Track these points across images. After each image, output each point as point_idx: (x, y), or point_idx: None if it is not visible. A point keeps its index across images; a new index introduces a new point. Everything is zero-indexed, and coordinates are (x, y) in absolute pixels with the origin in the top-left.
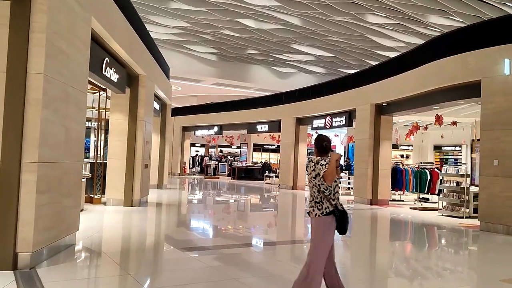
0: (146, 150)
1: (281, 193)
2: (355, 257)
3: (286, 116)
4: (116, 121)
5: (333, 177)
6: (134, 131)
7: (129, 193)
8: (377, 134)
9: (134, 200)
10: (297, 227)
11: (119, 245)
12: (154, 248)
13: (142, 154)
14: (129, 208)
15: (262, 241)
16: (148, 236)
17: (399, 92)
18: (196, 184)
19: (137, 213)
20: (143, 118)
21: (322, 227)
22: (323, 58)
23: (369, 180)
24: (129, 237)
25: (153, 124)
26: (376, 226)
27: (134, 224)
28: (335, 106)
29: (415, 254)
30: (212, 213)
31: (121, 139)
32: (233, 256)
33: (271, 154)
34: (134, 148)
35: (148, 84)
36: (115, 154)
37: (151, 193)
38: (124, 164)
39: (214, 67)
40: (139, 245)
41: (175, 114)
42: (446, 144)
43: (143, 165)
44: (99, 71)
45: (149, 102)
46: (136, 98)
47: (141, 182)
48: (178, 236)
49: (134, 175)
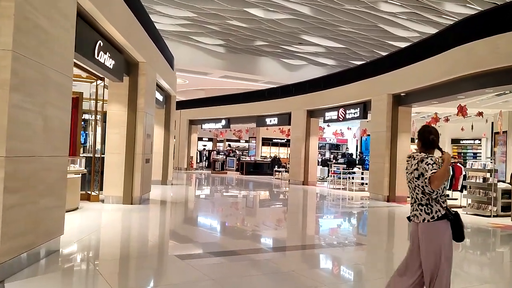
0: (148, 144)
1: (292, 189)
2: (378, 261)
3: (296, 108)
4: (115, 112)
5: (442, 182)
6: (134, 123)
7: (128, 190)
8: (394, 126)
9: (134, 197)
10: (317, 228)
11: (110, 252)
12: (151, 256)
13: (143, 148)
14: (128, 206)
15: (284, 245)
16: (145, 241)
17: (419, 81)
18: (203, 180)
19: (137, 212)
20: (144, 109)
21: (435, 234)
22: (334, 49)
23: (386, 176)
24: (122, 241)
25: (157, 117)
26: (396, 226)
27: (130, 225)
28: (349, 97)
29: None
30: (219, 213)
31: (119, 132)
32: (245, 266)
33: (281, 149)
34: (134, 141)
35: (149, 72)
36: (114, 147)
37: (154, 190)
38: (123, 158)
39: (221, 59)
40: (134, 251)
41: (181, 107)
42: (465, 137)
43: (143, 160)
44: (90, 55)
45: (150, 92)
46: (135, 87)
47: (142, 178)
48: (180, 240)
49: (134, 171)
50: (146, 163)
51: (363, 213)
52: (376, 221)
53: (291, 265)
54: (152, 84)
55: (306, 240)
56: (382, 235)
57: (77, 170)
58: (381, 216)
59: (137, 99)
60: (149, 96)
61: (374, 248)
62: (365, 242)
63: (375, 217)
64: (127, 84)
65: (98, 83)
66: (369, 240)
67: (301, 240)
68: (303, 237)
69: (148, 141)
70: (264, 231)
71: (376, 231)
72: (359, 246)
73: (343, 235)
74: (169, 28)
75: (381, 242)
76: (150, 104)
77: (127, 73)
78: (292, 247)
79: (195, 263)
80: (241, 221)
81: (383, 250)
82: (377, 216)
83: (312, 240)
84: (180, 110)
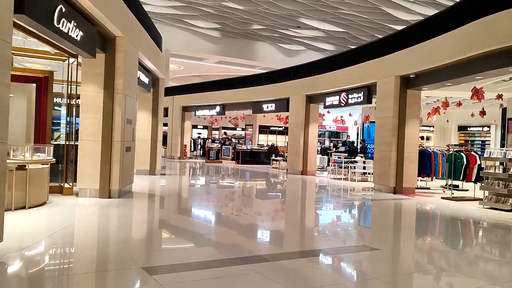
0: (128, 130)
1: (290, 180)
2: (394, 267)
3: (295, 93)
4: (89, 94)
5: None
6: (111, 107)
7: (105, 182)
8: (402, 111)
9: (113, 190)
10: (319, 226)
11: (55, 265)
12: (112, 269)
13: (122, 135)
14: (105, 201)
15: (280, 252)
16: (109, 248)
17: (431, 60)
18: (196, 169)
19: (113, 208)
20: (122, 91)
21: None
22: (333, 33)
23: (393, 165)
24: (80, 248)
25: (143, 101)
26: (409, 224)
27: (99, 226)
28: (352, 80)
29: (485, 267)
30: (208, 210)
31: (95, 116)
32: (232, 280)
33: (278, 137)
34: (111, 127)
35: (129, 49)
36: (88, 134)
37: (140, 181)
38: (99, 146)
39: (217, 44)
40: (88, 264)
41: (174, 93)
42: (472, 124)
43: (123, 148)
44: (48, 21)
45: (131, 72)
46: (112, 65)
47: (121, 169)
48: (156, 246)
49: (112, 160)
50: (126, 152)
51: (370, 207)
52: (385, 217)
53: (287, 284)
54: (133, 63)
55: (307, 243)
56: (395, 235)
57: (42, 159)
58: (390, 211)
59: (115, 79)
60: (129, 77)
61: (391, 255)
62: (377, 245)
63: (383, 212)
64: (102, 62)
65: (71, 61)
66: (382, 242)
67: (301, 244)
68: (304, 240)
69: (129, 127)
70: (259, 233)
71: (387, 230)
72: (373, 252)
73: (351, 236)
74: (162, 10)
75: (397, 244)
76: (131, 86)
77: (102, 48)
78: (291, 254)
79: (169, 279)
80: (231, 220)
81: (402, 256)
82: (385, 211)
83: (314, 243)
84: (173, 96)
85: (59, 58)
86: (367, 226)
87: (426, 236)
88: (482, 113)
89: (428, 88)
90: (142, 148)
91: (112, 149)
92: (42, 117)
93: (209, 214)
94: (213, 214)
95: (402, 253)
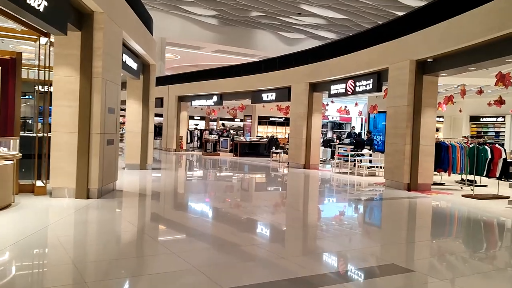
0: (110, 120)
1: (292, 175)
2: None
3: (297, 81)
4: (62, 79)
5: None
6: (88, 93)
7: (82, 180)
8: (417, 99)
9: (92, 189)
10: (331, 237)
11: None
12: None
13: (102, 126)
14: (82, 202)
15: (281, 278)
16: (80, 268)
17: (453, 42)
18: (191, 163)
19: (91, 211)
20: (102, 75)
21: None
22: (335, 21)
23: (407, 159)
24: (34, 268)
25: (132, 89)
26: (434, 228)
27: (68, 236)
28: (360, 66)
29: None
30: (200, 214)
31: (69, 105)
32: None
33: (278, 128)
34: (89, 117)
35: (110, 27)
36: (62, 125)
37: (129, 176)
38: (75, 139)
39: (215, 32)
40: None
41: (169, 83)
42: (485, 114)
43: (103, 141)
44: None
45: (113, 54)
46: (89, 45)
47: (102, 165)
48: (134, 265)
49: (91, 155)
50: (108, 145)
51: (387, 208)
52: (407, 221)
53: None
54: (115, 44)
55: (319, 265)
56: (425, 248)
57: (5, 155)
58: (409, 213)
59: (93, 61)
60: (110, 59)
61: (430, 279)
62: (409, 264)
63: (403, 214)
64: (78, 41)
65: (43, 41)
66: (413, 259)
67: (311, 266)
68: (314, 261)
69: (111, 117)
70: (258, 248)
71: (413, 239)
72: (407, 275)
73: (373, 252)
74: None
75: (433, 264)
76: (113, 70)
77: (77, 25)
78: (296, 280)
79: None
80: (227, 229)
81: (444, 282)
82: (404, 213)
83: (330, 263)
84: (168, 86)
85: (28, 37)
86: (389, 235)
87: (464, 247)
88: (499, 102)
89: (447, 73)
90: (132, 141)
91: (91, 142)
92: (9, 106)
93: (203, 221)
94: (207, 220)
95: (442, 275)
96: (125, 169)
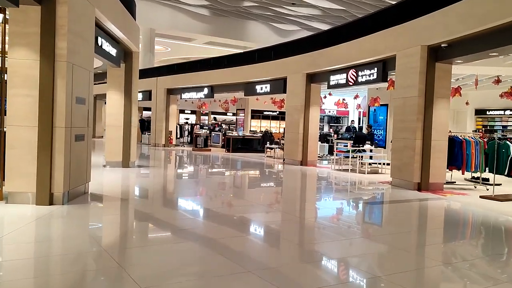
0: (79, 112)
1: (289, 172)
2: None
3: (293, 72)
4: (19, 62)
5: None
6: (51, 80)
7: (44, 183)
8: (429, 90)
9: (56, 194)
10: (341, 258)
11: None
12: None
13: (68, 118)
14: (43, 210)
15: None
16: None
17: (473, 23)
18: (179, 159)
19: (53, 221)
20: (67, 58)
21: None
22: (330, 11)
23: (418, 156)
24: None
25: (112, 78)
26: (457, 239)
27: (20, 255)
28: (363, 54)
29: None
30: (185, 224)
31: (28, 94)
32: None
33: (272, 122)
34: (52, 107)
35: (77, 1)
36: (19, 118)
37: (109, 176)
38: (34, 134)
39: (206, 23)
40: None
41: (157, 75)
42: (492, 107)
43: (70, 136)
44: None
45: (82, 34)
46: (51, 22)
47: (68, 164)
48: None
49: (54, 153)
50: (77, 141)
51: (398, 214)
52: (426, 232)
53: None
54: (85, 22)
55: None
56: (462, 273)
57: None
58: (426, 220)
59: (56, 41)
60: (78, 40)
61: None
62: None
63: (419, 221)
64: (38, 17)
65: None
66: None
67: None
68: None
69: (81, 108)
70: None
71: (442, 255)
72: None
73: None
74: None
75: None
76: (83, 53)
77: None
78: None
79: None
80: (219, 243)
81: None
82: (420, 220)
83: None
84: (157, 78)
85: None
86: (414, 251)
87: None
88: (510, 94)
89: (463, 60)
90: (113, 136)
91: (54, 138)
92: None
93: (186, 233)
94: (190, 233)
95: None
96: (108, 167)
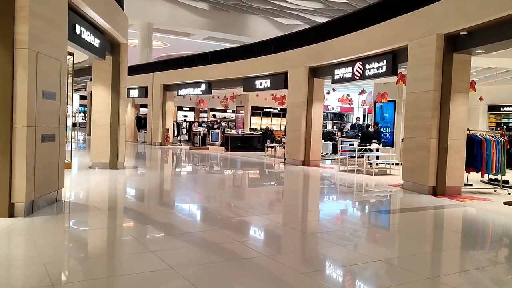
0: (48, 109)
1: (291, 174)
2: None
3: (295, 65)
4: None
5: None
6: (9, 71)
7: (2, 192)
8: (446, 83)
9: (17, 205)
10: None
11: None
12: None
13: (31, 115)
14: (1, 223)
15: None
16: None
17: (495, 8)
18: (175, 159)
19: (10, 240)
20: (29, 45)
21: None
22: (333, 5)
23: (433, 157)
24: None
25: (99, 72)
26: (490, 261)
27: None
28: (371, 45)
29: None
30: (171, 241)
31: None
32: None
33: (273, 119)
34: (11, 103)
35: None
36: None
37: (92, 179)
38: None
39: (206, 18)
40: None
41: (153, 70)
42: (506, 103)
43: (35, 137)
44: None
45: (50, 18)
46: (10, 1)
47: (32, 169)
48: None
49: (14, 156)
50: (44, 142)
51: (419, 226)
52: (451, 252)
53: None
54: (54, 5)
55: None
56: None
57: None
58: (455, 236)
59: (15, 25)
60: (45, 25)
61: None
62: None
63: (446, 238)
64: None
65: None
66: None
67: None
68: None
69: (50, 104)
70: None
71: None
72: None
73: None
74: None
75: None
76: (51, 40)
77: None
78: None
79: None
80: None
81: None
82: (445, 235)
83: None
84: (153, 73)
85: None
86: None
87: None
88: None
89: (484, 50)
90: (99, 135)
91: (14, 139)
92: None
93: (173, 255)
94: (177, 254)
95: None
96: (96, 168)
